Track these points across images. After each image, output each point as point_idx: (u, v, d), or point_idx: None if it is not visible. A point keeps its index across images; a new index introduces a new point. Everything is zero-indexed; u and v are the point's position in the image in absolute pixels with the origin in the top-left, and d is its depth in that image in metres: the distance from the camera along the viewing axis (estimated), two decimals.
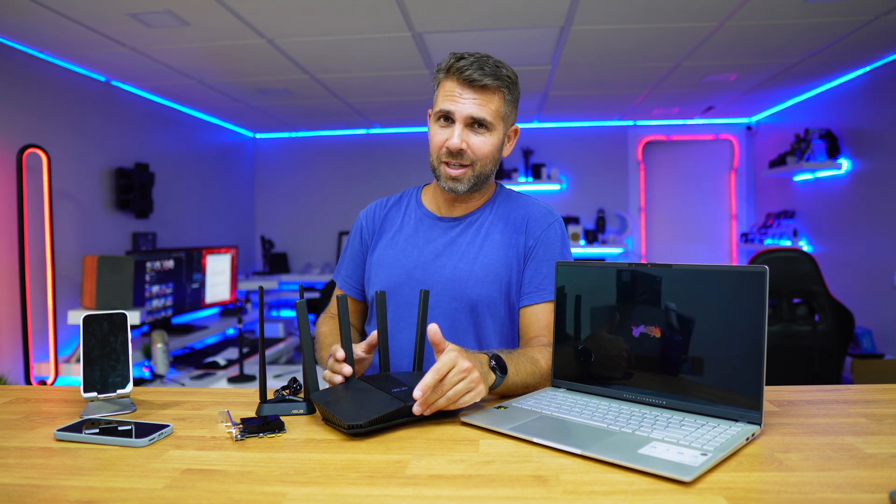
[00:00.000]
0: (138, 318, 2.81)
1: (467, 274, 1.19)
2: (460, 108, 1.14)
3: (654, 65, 3.33)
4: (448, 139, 1.15)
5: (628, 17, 2.57)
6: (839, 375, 2.54)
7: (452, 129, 1.15)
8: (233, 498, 0.64)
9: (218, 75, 3.36)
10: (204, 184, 4.52)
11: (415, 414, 0.86)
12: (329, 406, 0.86)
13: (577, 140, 5.16)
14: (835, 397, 1.01)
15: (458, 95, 1.14)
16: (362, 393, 0.91)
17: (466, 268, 1.19)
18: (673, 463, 0.69)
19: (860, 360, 3.08)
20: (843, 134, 3.66)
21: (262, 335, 0.99)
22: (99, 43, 2.73)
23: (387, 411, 0.83)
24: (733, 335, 0.85)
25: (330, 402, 0.88)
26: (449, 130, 1.16)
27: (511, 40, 2.87)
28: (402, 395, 0.88)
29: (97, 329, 0.97)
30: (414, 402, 0.85)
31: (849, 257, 3.64)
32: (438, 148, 1.17)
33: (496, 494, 0.65)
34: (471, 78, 1.13)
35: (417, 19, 2.56)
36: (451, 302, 1.19)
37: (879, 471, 0.68)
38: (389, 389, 0.90)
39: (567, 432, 0.81)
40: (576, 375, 1.01)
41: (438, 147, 1.17)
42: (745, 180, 5.08)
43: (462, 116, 1.14)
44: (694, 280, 0.89)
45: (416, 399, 0.85)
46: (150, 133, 3.81)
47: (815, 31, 2.77)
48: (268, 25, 2.59)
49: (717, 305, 0.87)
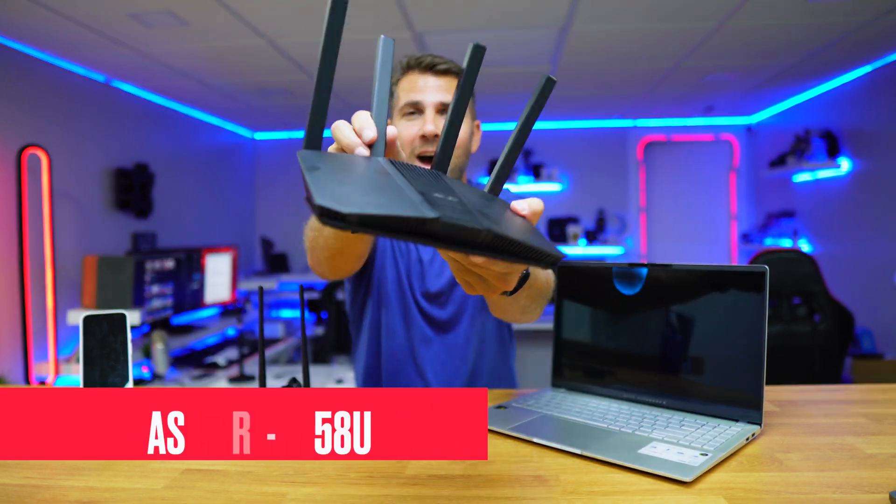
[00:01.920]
0: (138, 318, 2.81)
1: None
2: (429, 96, 1.11)
3: (654, 65, 3.32)
4: (421, 127, 1.11)
5: (628, 17, 2.57)
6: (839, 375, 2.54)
7: (423, 118, 1.11)
8: (233, 498, 0.64)
9: (218, 75, 3.36)
10: (204, 184, 4.52)
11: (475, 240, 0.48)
12: (312, 172, 0.51)
13: (577, 140, 5.16)
14: (835, 397, 1.01)
15: (422, 84, 1.12)
16: (377, 176, 0.53)
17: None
18: (673, 463, 0.69)
19: (860, 360, 3.08)
20: (844, 134, 3.66)
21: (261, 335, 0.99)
22: (99, 43, 2.73)
23: (398, 213, 0.45)
24: (733, 335, 0.85)
25: (318, 169, 0.51)
26: (419, 119, 1.12)
27: (511, 40, 2.87)
28: (438, 202, 0.49)
29: (97, 329, 0.97)
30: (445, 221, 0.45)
31: (849, 257, 3.64)
32: (410, 142, 1.12)
33: (496, 494, 0.64)
34: (432, 63, 1.13)
35: (417, 19, 2.56)
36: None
37: (879, 471, 0.68)
38: (425, 188, 0.52)
39: (567, 432, 0.81)
40: (576, 375, 1.01)
41: (410, 141, 1.12)
42: (746, 180, 5.08)
43: (432, 102, 1.11)
44: (694, 280, 0.89)
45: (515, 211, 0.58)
46: (150, 133, 3.81)
47: (816, 32, 2.77)
48: (268, 25, 2.59)
49: (717, 305, 0.87)
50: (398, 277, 1.22)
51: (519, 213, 0.58)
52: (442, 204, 0.49)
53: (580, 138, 5.15)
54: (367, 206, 0.45)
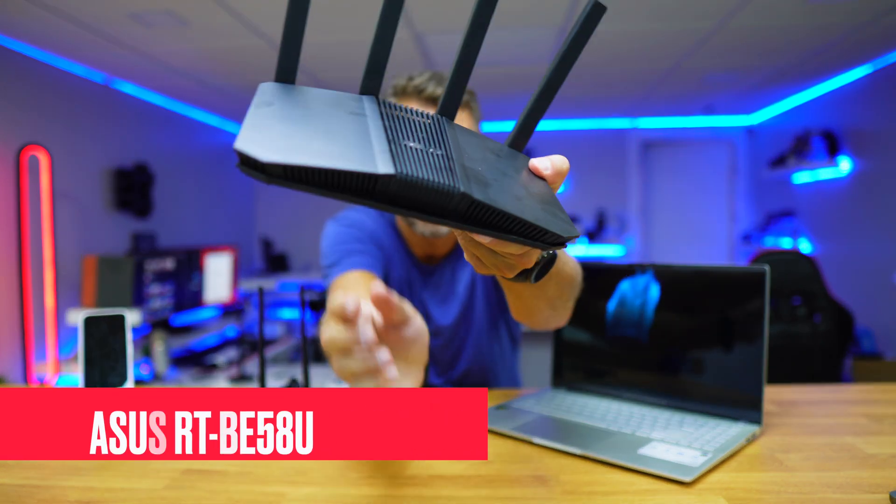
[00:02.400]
0: (138, 318, 2.81)
1: (471, 320, 1.16)
2: None
3: (654, 65, 3.32)
4: None
5: (628, 17, 2.57)
6: (839, 375, 2.54)
7: None
8: (233, 498, 0.64)
9: (218, 75, 3.36)
10: (204, 184, 4.52)
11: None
12: (258, 108, 0.40)
13: (578, 140, 5.16)
14: (835, 397, 1.01)
15: None
16: (345, 117, 0.42)
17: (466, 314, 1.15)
18: (673, 463, 0.69)
19: (860, 360, 3.08)
20: (844, 134, 3.66)
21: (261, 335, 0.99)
22: (99, 43, 2.73)
23: (337, 166, 0.36)
24: (733, 335, 0.85)
25: (271, 105, 0.41)
26: None
27: (511, 40, 2.87)
28: (406, 155, 0.40)
29: (97, 329, 0.97)
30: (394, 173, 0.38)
31: (849, 257, 3.64)
32: None
33: (496, 494, 0.64)
34: (433, 96, 0.98)
35: (418, 19, 2.56)
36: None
37: (880, 471, 0.68)
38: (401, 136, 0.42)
39: (567, 432, 0.81)
40: (576, 376, 1.01)
41: None
42: (746, 181, 5.08)
43: None
44: (694, 280, 0.89)
45: (535, 171, 0.48)
46: (150, 133, 3.81)
47: (816, 32, 2.77)
48: (268, 25, 2.59)
49: (718, 305, 0.87)
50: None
51: (540, 172, 0.48)
52: (411, 157, 0.39)
53: (580, 138, 5.15)
54: (298, 154, 0.35)
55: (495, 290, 1.17)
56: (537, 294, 0.75)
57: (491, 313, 1.18)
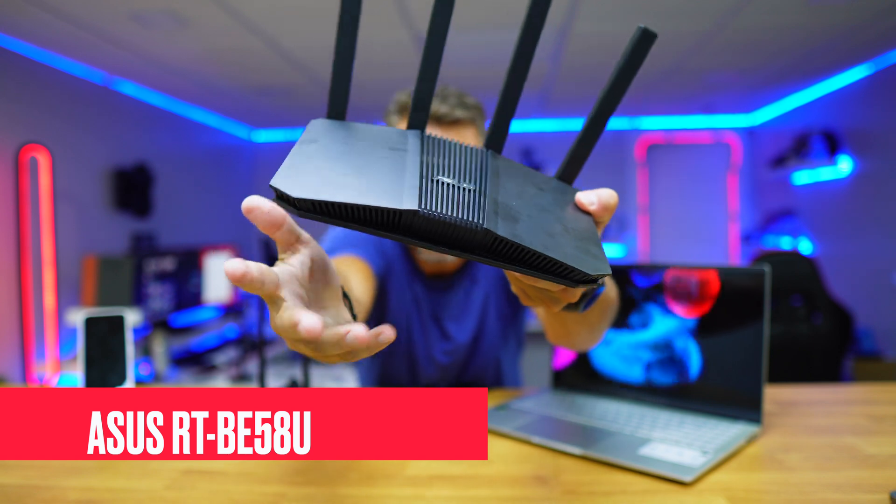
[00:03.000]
0: (138, 318, 2.81)
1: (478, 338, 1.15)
2: None
3: (654, 65, 3.32)
4: None
5: (628, 17, 2.57)
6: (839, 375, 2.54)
7: None
8: (233, 498, 0.64)
9: (218, 75, 3.36)
10: (203, 184, 4.52)
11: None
12: (301, 146, 0.43)
13: None
14: (835, 397, 1.01)
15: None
16: (383, 153, 0.44)
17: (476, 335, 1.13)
18: (673, 463, 0.69)
19: (860, 360, 3.08)
20: (844, 134, 3.66)
21: (261, 336, 0.99)
22: (99, 43, 2.73)
23: (362, 202, 0.38)
24: (734, 335, 0.85)
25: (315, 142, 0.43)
26: None
27: (511, 40, 2.87)
28: (435, 191, 0.41)
29: (97, 329, 0.97)
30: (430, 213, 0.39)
31: (849, 257, 3.64)
32: None
33: (496, 494, 0.64)
34: (438, 114, 0.92)
35: (418, 19, 2.56)
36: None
37: (880, 471, 0.68)
38: (437, 171, 0.43)
39: (567, 432, 0.81)
40: (576, 376, 1.01)
41: None
42: (746, 181, 5.08)
43: None
44: (693, 280, 0.89)
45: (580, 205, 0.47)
46: (150, 133, 3.81)
47: (816, 32, 2.77)
48: (268, 25, 2.59)
49: (718, 305, 0.87)
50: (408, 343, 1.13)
51: (585, 207, 0.46)
52: (439, 193, 0.40)
53: None
54: (326, 191, 0.38)
55: (508, 303, 1.16)
56: (580, 321, 0.75)
57: (502, 325, 1.17)
